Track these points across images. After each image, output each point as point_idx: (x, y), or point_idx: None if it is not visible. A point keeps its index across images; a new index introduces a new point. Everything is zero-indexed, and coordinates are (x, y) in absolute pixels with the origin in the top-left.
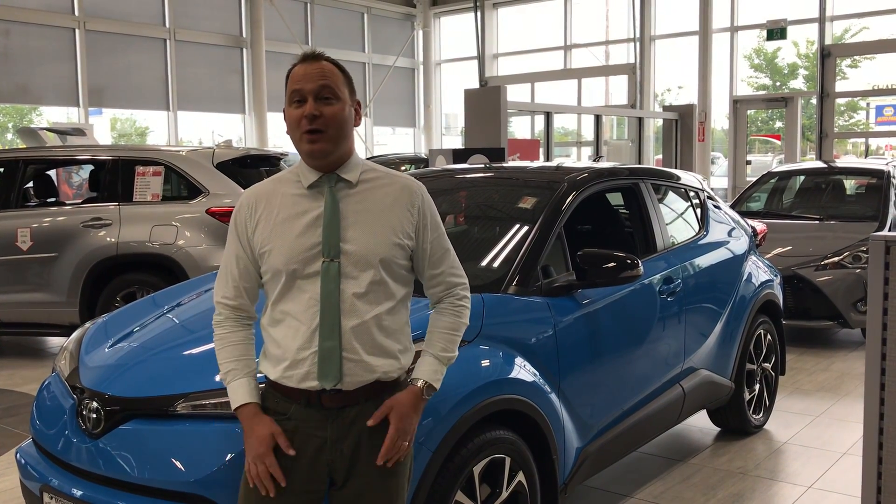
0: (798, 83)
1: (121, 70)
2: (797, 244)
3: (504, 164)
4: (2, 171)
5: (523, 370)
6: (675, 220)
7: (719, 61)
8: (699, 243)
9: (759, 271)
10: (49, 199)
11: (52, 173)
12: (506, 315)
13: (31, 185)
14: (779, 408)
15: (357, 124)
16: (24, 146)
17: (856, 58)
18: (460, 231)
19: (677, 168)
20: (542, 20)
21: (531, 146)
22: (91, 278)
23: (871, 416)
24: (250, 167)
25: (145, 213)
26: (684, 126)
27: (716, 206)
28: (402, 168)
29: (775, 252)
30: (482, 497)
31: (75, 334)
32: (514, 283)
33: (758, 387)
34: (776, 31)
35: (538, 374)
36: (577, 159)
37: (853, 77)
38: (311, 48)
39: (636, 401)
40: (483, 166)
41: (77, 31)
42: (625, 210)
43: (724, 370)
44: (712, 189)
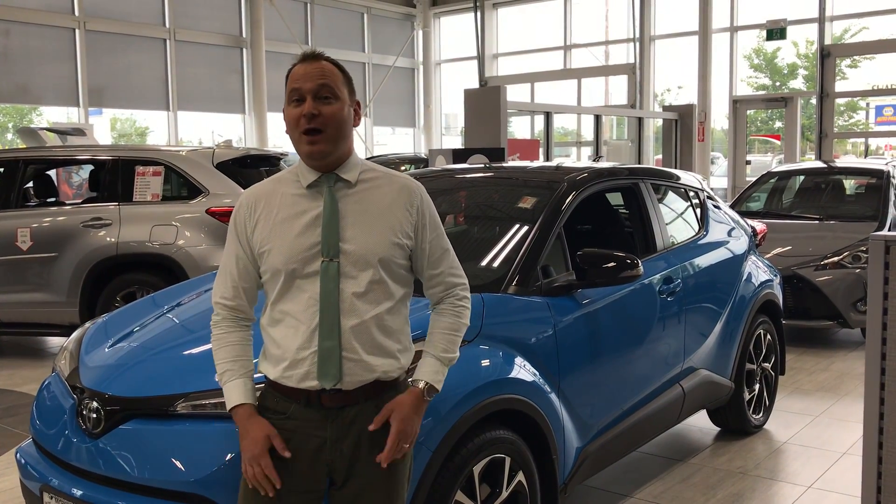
0: (798, 83)
1: (121, 70)
2: (797, 244)
3: (504, 164)
4: (2, 171)
5: (523, 370)
6: (674, 220)
7: (719, 61)
8: (699, 243)
9: (758, 271)
10: (49, 199)
11: (52, 173)
12: (506, 315)
13: (31, 185)
14: (778, 408)
15: (356, 124)
16: (24, 146)
17: (855, 58)
18: (460, 231)
19: (677, 168)
20: (541, 20)
21: (531, 146)
22: (91, 278)
23: (870, 415)
24: (250, 167)
25: (145, 213)
26: (684, 126)
27: (715, 206)
28: (402, 168)
29: (775, 252)
30: (482, 497)
31: (75, 334)
32: (514, 282)
33: (757, 386)
34: (776, 31)
35: (538, 373)
36: (577, 159)
37: (853, 77)
38: (310, 48)
39: (636, 401)
40: (483, 166)
41: (77, 31)
42: (625, 210)
43: (723, 370)
44: (712, 189)
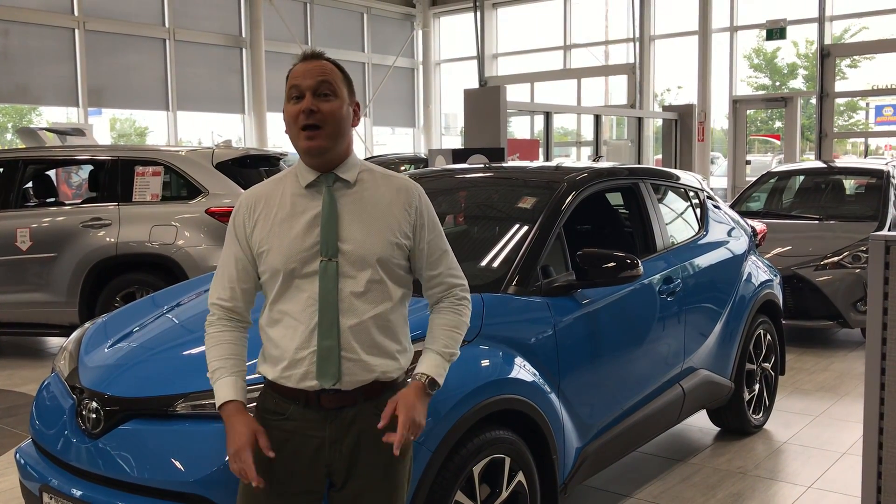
0: (797, 83)
1: (120, 70)
2: (797, 244)
3: (503, 164)
4: (1, 171)
5: (523, 370)
6: (674, 220)
7: (719, 61)
8: (699, 243)
9: (758, 271)
10: (48, 200)
11: (51, 173)
12: (505, 315)
13: (30, 185)
14: (778, 408)
15: (355, 124)
16: (24, 146)
17: (855, 58)
18: (460, 231)
19: (677, 168)
20: (541, 20)
21: (531, 146)
22: (90, 278)
23: (870, 415)
24: (250, 167)
25: (145, 213)
26: (684, 126)
27: (715, 206)
28: (402, 168)
29: (775, 252)
30: (482, 497)
31: (75, 334)
32: (514, 282)
33: (757, 387)
34: (776, 31)
35: (538, 373)
36: (577, 159)
37: (852, 77)
38: (310, 48)
39: (636, 401)
40: (482, 166)
41: (76, 31)
42: (624, 210)
43: (723, 370)
44: (712, 189)
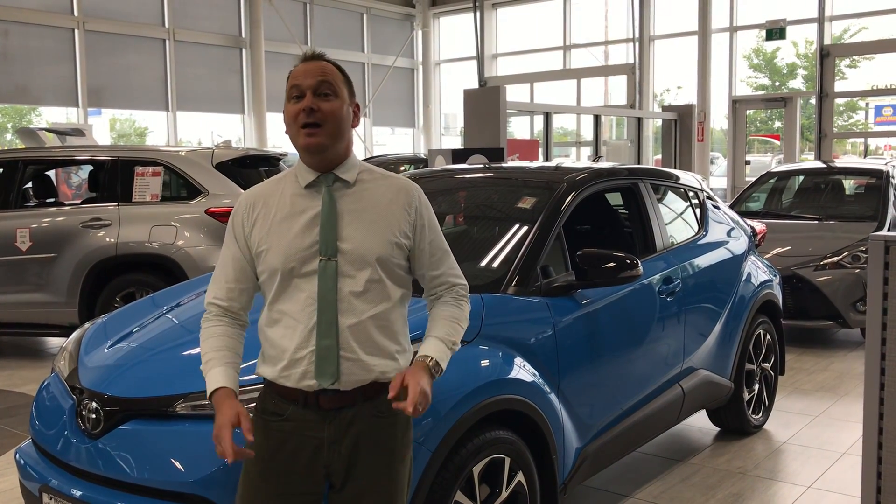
0: (797, 83)
1: (120, 70)
2: (796, 244)
3: (503, 165)
4: (1, 171)
5: (523, 370)
6: (674, 221)
7: (718, 61)
8: (698, 243)
9: (758, 271)
10: (48, 200)
11: (51, 174)
12: (505, 315)
13: (30, 185)
14: (778, 408)
15: (355, 125)
16: (24, 146)
17: (855, 58)
18: (460, 231)
19: (676, 168)
20: (541, 20)
21: (530, 146)
22: (90, 279)
23: (870, 415)
24: (249, 167)
25: (144, 213)
26: (683, 126)
27: (715, 206)
28: (402, 168)
29: (774, 252)
30: (482, 497)
31: (74, 335)
32: (514, 283)
33: (757, 387)
34: (775, 32)
35: (538, 374)
36: (577, 159)
37: (852, 77)
38: (310, 48)
39: (636, 401)
40: (482, 166)
41: (76, 31)
42: (624, 210)
43: (723, 370)
44: (711, 189)
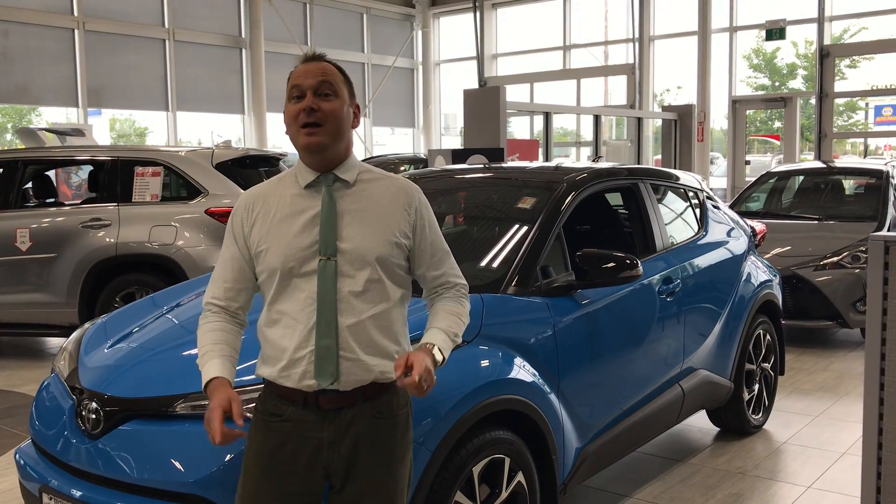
0: (797, 83)
1: (120, 70)
2: (796, 244)
3: (503, 165)
4: (1, 171)
5: (523, 370)
6: (674, 221)
7: (718, 61)
8: (698, 243)
9: (758, 271)
10: (48, 200)
11: (51, 174)
12: (505, 315)
13: (30, 185)
14: (778, 408)
15: (355, 126)
16: (24, 147)
17: (854, 58)
18: (459, 231)
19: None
20: (541, 20)
21: (530, 146)
22: (90, 279)
23: (870, 415)
24: (249, 167)
25: (144, 213)
26: (683, 126)
27: (715, 207)
28: (402, 168)
29: (774, 252)
30: (481, 497)
31: (74, 335)
32: (514, 283)
33: (757, 387)
34: (775, 32)
35: (537, 374)
36: (577, 159)
37: (852, 77)
38: (310, 48)
39: (635, 401)
40: (482, 166)
41: (76, 31)
42: (624, 210)
43: (723, 370)
44: (711, 189)
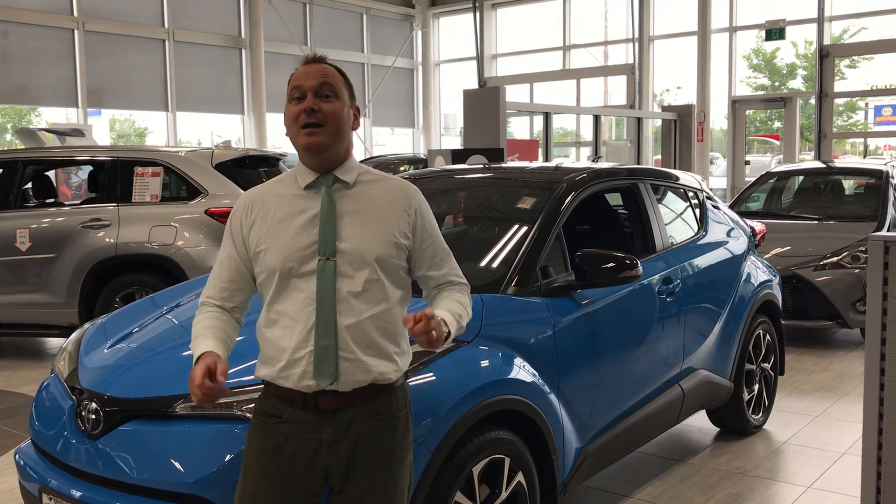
0: (797, 83)
1: (120, 71)
2: (796, 244)
3: (503, 165)
4: (1, 171)
5: (522, 370)
6: (673, 221)
7: (718, 62)
8: (698, 244)
9: (758, 271)
10: (48, 200)
11: (50, 174)
12: (505, 315)
13: (29, 185)
14: (778, 408)
15: (355, 128)
16: (23, 147)
17: (854, 58)
18: (459, 231)
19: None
20: (540, 21)
21: (530, 146)
22: (90, 279)
23: (870, 415)
24: (249, 168)
25: (144, 213)
26: (683, 126)
27: (715, 207)
28: (401, 169)
29: (774, 252)
30: (481, 497)
31: (74, 335)
32: (514, 283)
33: (757, 387)
34: (775, 32)
35: (537, 374)
36: (576, 160)
37: (852, 77)
38: (309, 49)
39: (635, 401)
40: (482, 167)
41: (76, 31)
42: (624, 210)
43: (723, 370)
44: (711, 189)
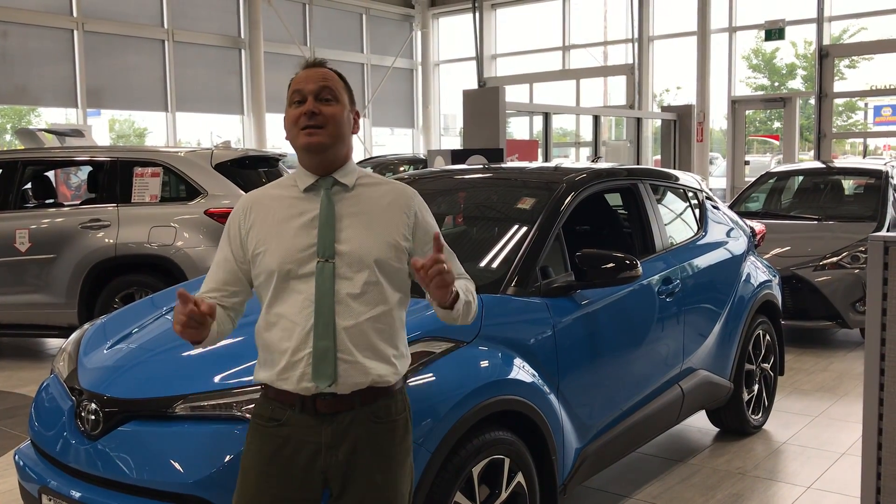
0: (796, 83)
1: (119, 71)
2: (796, 244)
3: (502, 165)
4: (0, 172)
5: (522, 371)
6: (673, 221)
7: (718, 62)
8: (698, 244)
9: (757, 272)
10: (47, 201)
11: (50, 174)
12: (505, 316)
13: (29, 186)
14: (778, 408)
15: (355, 132)
16: (23, 147)
17: (854, 58)
18: (459, 232)
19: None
20: (540, 21)
21: (530, 147)
22: (90, 279)
23: (869, 416)
24: (249, 168)
25: (144, 214)
26: (683, 126)
27: (714, 207)
28: (401, 169)
29: (774, 252)
30: (481, 498)
31: (74, 336)
32: (513, 283)
33: (756, 387)
34: (774, 32)
35: (537, 374)
36: (576, 160)
37: (851, 77)
38: (309, 49)
39: (635, 401)
40: (482, 167)
41: (75, 32)
42: (623, 211)
43: (722, 370)
44: (711, 189)
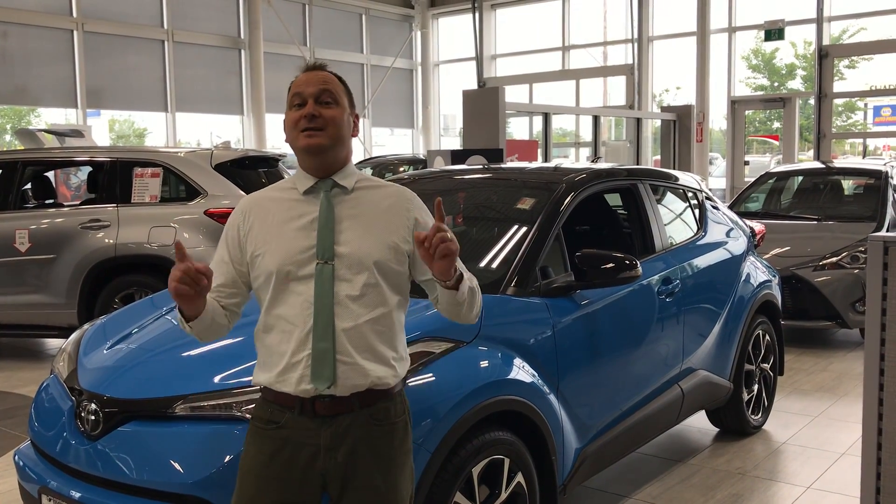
0: (796, 84)
1: (119, 71)
2: (795, 244)
3: (502, 165)
4: (0, 172)
5: (522, 371)
6: (673, 221)
7: (717, 62)
8: (697, 244)
9: (757, 272)
10: (47, 201)
11: (50, 175)
12: (504, 316)
13: (29, 186)
14: (777, 408)
15: (354, 135)
16: (22, 147)
17: (853, 58)
18: (459, 232)
19: (675, 169)
20: (540, 21)
21: (529, 147)
22: (89, 280)
23: (869, 416)
24: (248, 168)
25: (144, 214)
26: (682, 127)
27: (714, 207)
28: (401, 169)
29: (774, 252)
30: (481, 498)
31: (74, 336)
32: (513, 283)
33: (756, 387)
34: (774, 32)
35: (537, 374)
36: (576, 160)
37: (851, 77)
38: (309, 49)
39: (635, 401)
40: (481, 167)
41: (75, 32)
42: (623, 211)
43: (722, 371)
44: (710, 190)
